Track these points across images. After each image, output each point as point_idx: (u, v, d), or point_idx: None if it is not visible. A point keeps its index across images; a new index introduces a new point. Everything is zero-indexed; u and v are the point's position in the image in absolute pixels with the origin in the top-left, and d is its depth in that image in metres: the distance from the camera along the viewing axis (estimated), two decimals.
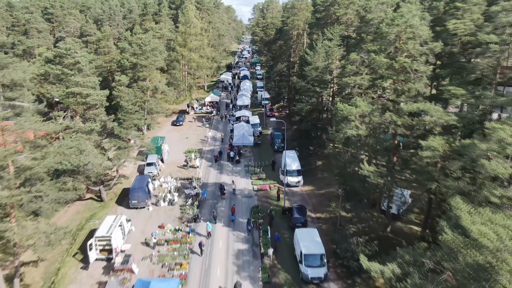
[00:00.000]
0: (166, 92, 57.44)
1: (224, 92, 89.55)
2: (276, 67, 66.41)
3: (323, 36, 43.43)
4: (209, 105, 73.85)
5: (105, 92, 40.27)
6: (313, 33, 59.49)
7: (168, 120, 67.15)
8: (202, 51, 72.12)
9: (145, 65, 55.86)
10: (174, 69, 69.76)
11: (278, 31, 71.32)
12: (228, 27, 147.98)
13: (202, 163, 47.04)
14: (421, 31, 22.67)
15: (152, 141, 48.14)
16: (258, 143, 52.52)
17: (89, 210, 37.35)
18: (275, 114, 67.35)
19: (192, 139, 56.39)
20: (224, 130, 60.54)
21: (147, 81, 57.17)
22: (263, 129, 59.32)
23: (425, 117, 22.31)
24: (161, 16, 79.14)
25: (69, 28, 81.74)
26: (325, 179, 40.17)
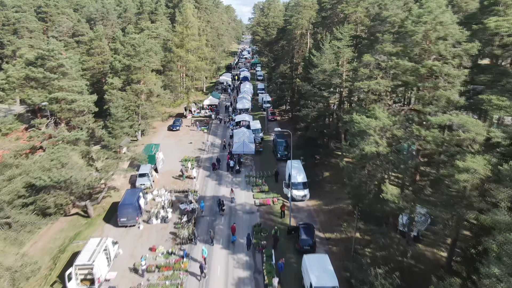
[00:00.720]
0: (162, 95, 53.94)
1: (223, 94, 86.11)
2: (278, 69, 62.92)
3: (330, 36, 39.96)
4: (207, 108, 70.41)
5: (93, 97, 36.85)
6: (318, 33, 56.09)
7: (164, 124, 63.64)
8: (200, 51, 68.63)
9: (139, 66, 52.40)
10: (171, 70, 66.27)
11: (281, 30, 67.76)
12: (227, 26, 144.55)
13: (199, 173, 43.56)
14: (453, 29, 19.19)
15: (145, 149, 44.71)
16: (259, 151, 49.06)
17: (74, 227, 33.88)
18: (276, 118, 63.91)
19: (189, 145, 52.90)
20: (223, 135, 57.05)
21: (141, 84, 53.71)
22: (264, 134, 55.87)
23: (459, 132, 18.85)
24: (158, 15, 75.64)
25: (61, 28, 78.17)
26: (334, 192, 36.72)
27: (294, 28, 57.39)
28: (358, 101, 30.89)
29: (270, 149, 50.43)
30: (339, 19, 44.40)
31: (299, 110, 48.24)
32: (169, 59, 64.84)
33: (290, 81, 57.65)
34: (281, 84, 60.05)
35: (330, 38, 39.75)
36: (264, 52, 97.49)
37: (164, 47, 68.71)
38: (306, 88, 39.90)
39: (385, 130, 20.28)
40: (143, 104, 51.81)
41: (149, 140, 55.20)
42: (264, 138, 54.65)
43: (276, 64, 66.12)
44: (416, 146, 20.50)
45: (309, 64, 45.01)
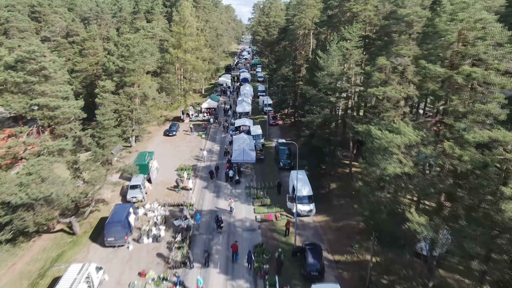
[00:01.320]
0: (157, 99, 50.85)
1: (222, 96, 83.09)
2: (280, 71, 59.87)
3: (337, 36, 36.91)
4: (205, 112, 67.32)
5: (79, 103, 33.72)
6: (322, 33, 53.04)
7: (160, 129, 60.61)
8: (199, 52, 65.55)
9: (133, 68, 49.31)
10: (168, 72, 63.27)
11: (282, 30, 64.65)
12: (227, 26, 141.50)
13: (196, 183, 40.47)
14: (494, 27, 16.15)
15: (138, 158, 41.63)
16: (260, 158, 45.99)
17: (57, 246, 30.80)
18: (278, 122, 60.85)
19: (186, 152, 49.81)
20: (222, 141, 53.97)
21: (135, 87, 50.65)
22: (265, 140, 52.79)
23: (501, 151, 15.80)
24: (154, 14, 72.57)
25: (54, 28, 75.09)
26: (342, 207, 33.66)
27: (296, 28, 54.33)
28: (371, 109, 27.84)
29: (272, 157, 47.36)
30: (346, 18, 41.33)
31: (302, 115, 45.20)
32: (165, 60, 61.78)
33: (292, 83, 54.61)
34: (283, 87, 56.97)
35: (337, 39, 36.68)
36: (265, 53, 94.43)
37: (160, 47, 65.70)
38: (311, 93, 36.84)
39: (411, 146, 17.25)
40: (137, 109, 48.70)
41: (143, 147, 52.20)
42: (265, 144, 51.57)
43: (277, 66, 63.06)
44: (447, 166, 17.48)
45: (314, 67, 41.96)
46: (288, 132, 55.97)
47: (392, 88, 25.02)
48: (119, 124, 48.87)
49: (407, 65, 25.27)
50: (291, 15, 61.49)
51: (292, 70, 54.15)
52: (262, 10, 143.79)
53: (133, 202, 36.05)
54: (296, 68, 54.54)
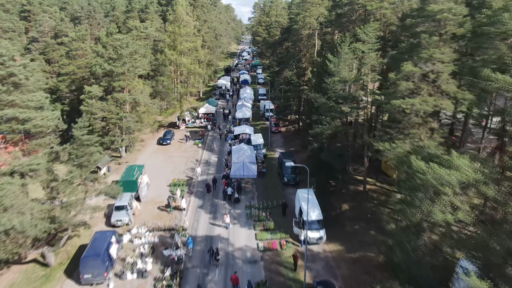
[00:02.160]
0: (149, 106, 46.53)
1: (221, 100, 78.79)
2: (283, 74, 55.52)
3: (349, 37, 32.63)
4: (202, 117, 63.01)
5: (55, 114, 29.45)
6: (329, 33, 48.74)
7: (154, 136, 56.32)
8: (195, 54, 61.27)
9: (122, 72, 44.97)
10: (162, 75, 58.96)
11: (285, 30, 60.33)
12: (226, 26, 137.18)
13: (190, 201, 36.18)
14: None
15: (126, 173, 37.37)
16: (262, 172, 41.67)
17: (27, 281, 26.50)
18: (281, 129, 56.50)
19: (180, 164, 45.51)
20: (220, 152, 49.65)
21: (125, 92, 46.34)
22: (267, 150, 48.47)
23: None
24: (148, 13, 68.27)
25: (42, 28, 70.76)
26: (357, 233, 29.35)
27: (300, 28, 50.02)
28: (393, 123, 23.55)
29: (275, 170, 43.01)
30: (359, 16, 37.06)
31: (309, 124, 40.92)
32: (159, 63, 57.49)
33: (296, 88, 50.29)
34: (286, 91, 52.61)
35: (349, 40, 32.40)
36: (266, 54, 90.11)
37: (154, 48, 61.41)
38: (320, 101, 32.52)
39: (468, 187, 13.01)
40: (126, 116, 44.35)
41: (134, 157, 47.90)
42: (267, 155, 47.26)
43: (280, 69, 58.76)
44: None
45: (322, 71, 37.68)
46: (291, 140, 51.67)
47: (422, 100, 20.75)
48: (106, 133, 44.61)
49: (440, 72, 21.03)
50: (295, 14, 57.22)
51: (296, 73, 49.87)
52: (263, 9, 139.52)
53: (118, 226, 31.79)
54: (301, 71, 50.25)
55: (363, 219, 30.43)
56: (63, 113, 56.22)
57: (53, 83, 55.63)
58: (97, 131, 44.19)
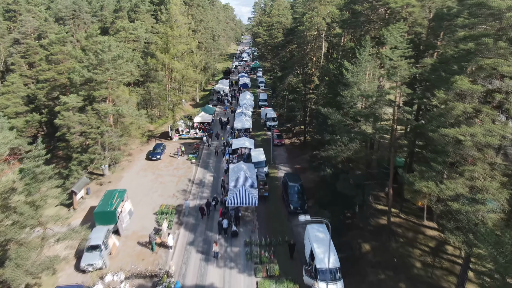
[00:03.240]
0: (135, 118, 40.80)
1: (219, 106, 73.18)
2: (286, 80, 49.81)
3: (371, 41, 26.98)
4: (197, 127, 57.35)
5: (8, 138, 23.62)
6: (339, 35, 43.03)
7: (144, 149, 50.70)
8: (189, 57, 55.62)
9: (104, 80, 39.31)
10: (154, 81, 53.22)
11: (289, 32, 54.54)
12: (225, 26, 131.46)
13: (178, 236, 30.49)
14: None
15: (103, 201, 31.74)
16: (264, 196, 35.99)
17: None
18: (284, 142, 50.75)
19: (170, 185, 39.80)
20: (217, 169, 43.96)
21: (107, 103, 40.69)
22: (270, 167, 42.77)
23: None
24: (139, 13, 62.55)
25: (24, 28, 65.07)
26: (382, 284, 23.62)
27: (307, 29, 44.29)
28: (438, 155, 17.88)
29: (278, 193, 37.30)
30: (379, 16, 31.42)
31: (319, 141, 35.20)
32: (150, 67, 51.80)
33: (302, 97, 44.55)
34: (291, 100, 46.84)
35: (369, 44, 26.72)
36: (267, 57, 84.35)
37: (145, 51, 55.69)
38: (335, 118, 26.81)
39: None
40: (108, 131, 38.64)
41: (119, 176, 42.23)
42: (269, 173, 41.56)
43: (283, 74, 53.02)
44: None
45: (335, 81, 32.00)
46: (297, 156, 45.94)
47: (485, 130, 15.10)
48: (85, 150, 38.90)
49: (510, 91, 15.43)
50: (300, 14, 51.53)
51: (302, 80, 44.08)
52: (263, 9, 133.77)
53: (88, 271, 26.09)
54: (307, 78, 44.51)
55: (389, 265, 24.73)
56: (42, 125, 50.64)
57: (31, 90, 49.92)
58: (75, 148, 38.59)
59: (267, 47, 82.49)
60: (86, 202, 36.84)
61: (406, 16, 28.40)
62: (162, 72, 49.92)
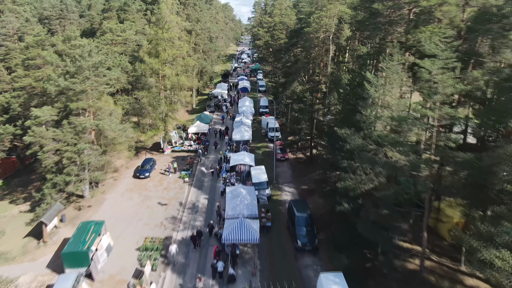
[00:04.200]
0: (118, 133, 35.70)
1: (217, 112, 68.08)
2: (291, 87, 44.62)
3: (399, 48, 21.91)
4: (192, 138, 52.24)
5: None
6: (352, 37, 37.93)
7: (133, 163, 45.69)
8: (183, 61, 50.55)
9: (83, 90, 34.26)
10: (143, 88, 48.11)
11: (294, 33, 49.34)
12: (224, 27, 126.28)
13: (164, 281, 25.37)
14: None
15: (74, 238, 26.72)
16: (266, 226, 30.88)
17: None
18: (288, 157, 45.59)
19: (159, 210, 34.73)
20: (212, 191, 38.86)
21: (87, 116, 35.66)
22: (272, 188, 37.64)
23: None
24: (129, 12, 57.43)
25: (5, 30, 59.98)
26: None
27: (315, 31, 39.14)
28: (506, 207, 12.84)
29: (282, 219, 32.19)
30: (403, 16, 26.31)
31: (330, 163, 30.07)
32: (139, 73, 46.72)
33: (309, 108, 39.42)
34: (297, 111, 41.74)
35: (398, 51, 21.64)
36: (269, 60, 79.15)
37: (134, 55, 50.60)
38: (355, 143, 21.75)
39: None
40: (86, 149, 33.54)
41: (101, 198, 37.22)
42: (272, 195, 36.45)
43: (287, 81, 47.82)
44: None
45: (351, 94, 26.93)
46: (303, 174, 40.80)
47: None
48: (61, 170, 33.85)
49: None
50: (305, 14, 46.38)
51: (309, 89, 38.82)
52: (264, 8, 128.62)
53: None
54: (315, 86, 39.33)
55: None
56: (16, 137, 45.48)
57: (5, 98, 44.79)
58: (49, 168, 33.53)
59: (268, 49, 77.34)
60: (60, 232, 31.85)
61: (440, 17, 23.29)
62: (152, 79, 44.76)
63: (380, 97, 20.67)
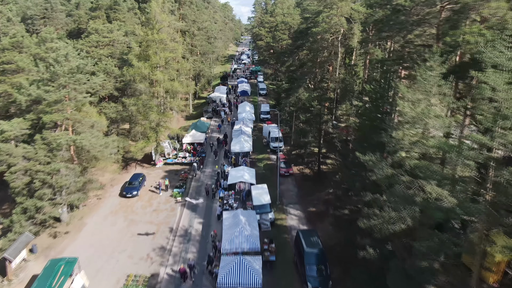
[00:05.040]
0: (99, 150, 31.12)
1: (215, 118, 63.58)
2: (296, 94, 40.06)
3: (439, 53, 17.42)
4: (187, 149, 47.70)
5: None
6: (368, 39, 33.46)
7: (121, 178, 41.17)
8: (177, 64, 46.04)
9: (58, 99, 29.75)
10: (133, 95, 43.58)
11: (299, 34, 44.55)
12: (223, 27, 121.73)
13: None
14: None
15: (40, 282, 22.16)
16: (269, 261, 26.32)
17: None
18: (292, 172, 41.00)
19: (145, 241, 30.13)
20: (208, 213, 34.31)
21: (63, 130, 31.15)
22: (276, 211, 33.08)
23: None
24: (119, 12, 52.90)
25: None
26: None
27: (324, 32, 34.59)
28: None
29: (289, 253, 27.60)
30: (434, 15, 21.79)
31: (345, 191, 25.55)
32: (127, 79, 42.21)
33: (317, 119, 34.83)
34: (304, 122, 37.09)
35: (439, 58, 17.15)
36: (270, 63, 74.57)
37: (123, 58, 46.05)
38: (383, 173, 17.27)
39: None
40: (60, 170, 28.99)
41: (81, 223, 32.70)
42: (275, 219, 31.89)
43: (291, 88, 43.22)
44: None
45: (373, 107, 22.45)
46: (310, 193, 36.25)
47: None
48: (32, 194, 29.28)
49: None
50: (312, 13, 41.80)
51: (318, 97, 34.08)
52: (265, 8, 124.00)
53: None
54: (324, 94, 34.71)
55: None
56: None
57: None
58: (19, 191, 29.00)
59: (269, 50, 72.78)
60: (28, 267, 27.29)
61: (486, 16, 18.76)
62: (141, 85, 40.21)
63: (419, 116, 16.16)
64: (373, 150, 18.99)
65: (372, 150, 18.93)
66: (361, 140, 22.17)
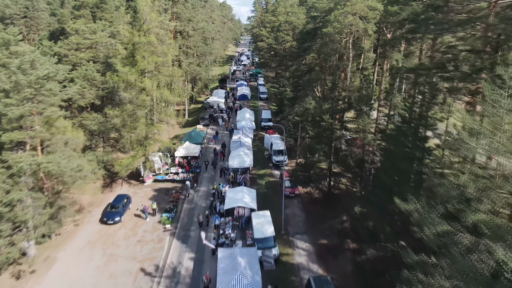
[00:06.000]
0: (71, 175, 26.24)
1: (212, 126, 58.78)
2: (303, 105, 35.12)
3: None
4: (180, 163, 42.81)
5: None
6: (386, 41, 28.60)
7: (105, 198, 36.34)
8: (167, 71, 41.14)
9: (22, 114, 24.88)
10: (120, 104, 38.64)
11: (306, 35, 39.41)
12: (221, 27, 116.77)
13: None
14: None
15: None
16: None
17: None
18: (298, 192, 36.05)
19: (126, 281, 25.23)
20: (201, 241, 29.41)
21: (28, 151, 26.25)
22: (281, 245, 28.14)
23: None
24: (106, 11, 47.95)
25: None
26: None
27: (336, 33, 29.66)
28: None
29: None
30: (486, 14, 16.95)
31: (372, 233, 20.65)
32: (110, 86, 37.38)
33: (329, 133, 29.90)
34: (315, 137, 32.13)
35: None
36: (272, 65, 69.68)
37: (107, 63, 41.14)
38: (435, 230, 12.37)
39: None
40: (22, 200, 24.10)
41: (50, 259, 27.72)
42: (280, 254, 26.94)
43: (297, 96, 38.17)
44: None
45: (409, 131, 17.60)
46: (320, 219, 31.28)
47: None
48: None
49: None
50: (321, 11, 36.83)
51: (330, 109, 29.02)
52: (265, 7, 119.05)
53: None
54: (335, 104, 29.78)
55: None
56: None
57: None
58: None
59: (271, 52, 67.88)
60: None
61: None
62: (126, 94, 35.32)
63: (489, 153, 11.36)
64: (405, 185, 14.16)
65: (404, 186, 14.10)
66: (390, 172, 17.32)
